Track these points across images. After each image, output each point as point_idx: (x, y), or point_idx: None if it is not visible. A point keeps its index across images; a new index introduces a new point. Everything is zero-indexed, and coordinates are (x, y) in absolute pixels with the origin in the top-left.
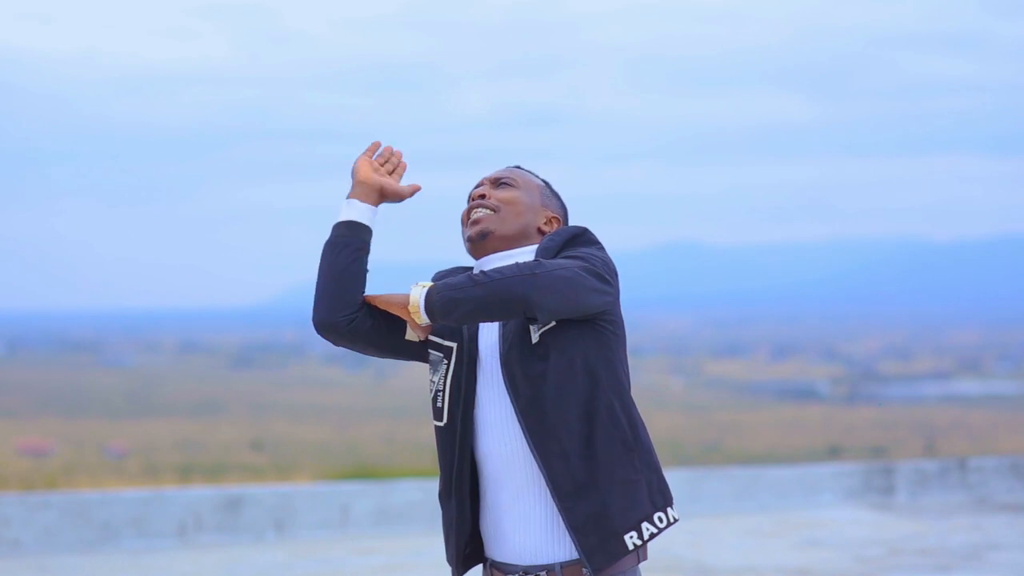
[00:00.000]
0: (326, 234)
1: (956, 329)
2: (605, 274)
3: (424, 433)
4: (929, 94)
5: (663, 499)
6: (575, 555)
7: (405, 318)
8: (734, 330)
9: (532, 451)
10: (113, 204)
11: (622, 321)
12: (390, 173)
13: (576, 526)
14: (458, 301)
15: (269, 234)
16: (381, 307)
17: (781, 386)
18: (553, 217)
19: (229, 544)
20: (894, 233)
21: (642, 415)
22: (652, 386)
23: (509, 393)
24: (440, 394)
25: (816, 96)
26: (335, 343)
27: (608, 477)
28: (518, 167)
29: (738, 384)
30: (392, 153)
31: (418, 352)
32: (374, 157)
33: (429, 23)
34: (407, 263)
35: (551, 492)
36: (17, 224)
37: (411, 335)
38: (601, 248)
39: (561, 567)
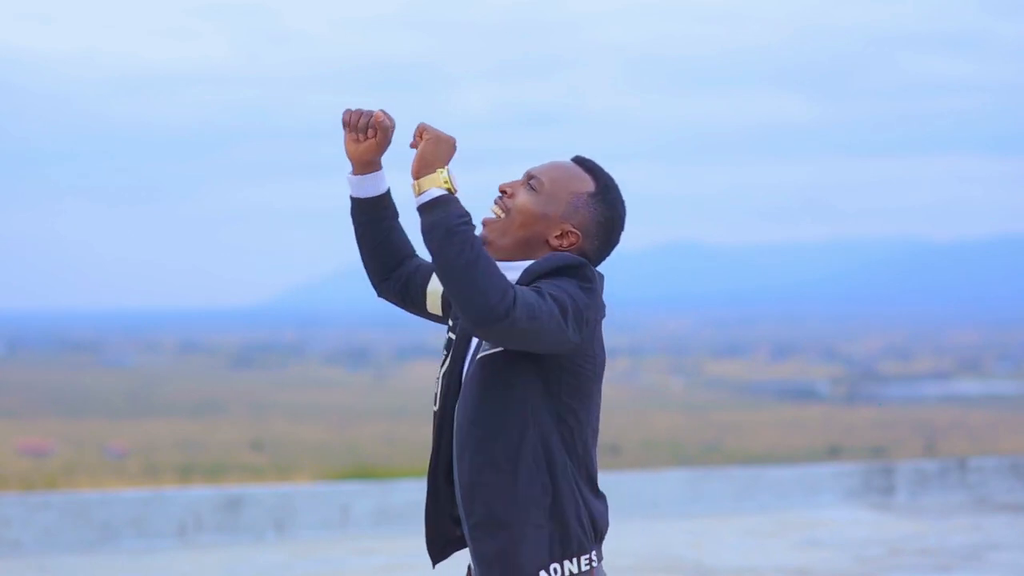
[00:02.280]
0: (326, 232)
1: (956, 329)
2: (576, 321)
3: (424, 433)
4: (929, 94)
5: (562, 550)
6: None
7: (412, 175)
8: (734, 330)
9: (456, 475)
10: (113, 204)
11: (587, 370)
12: (367, 136)
13: (482, 560)
14: (438, 239)
15: (269, 234)
16: (427, 138)
17: (781, 386)
18: (570, 231)
19: (229, 544)
20: (894, 233)
21: (643, 416)
22: (652, 386)
23: (458, 411)
24: (439, 380)
25: (816, 96)
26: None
27: (522, 519)
28: (583, 163)
29: (738, 384)
30: (360, 116)
31: (441, 321)
32: (348, 131)
33: (429, 23)
34: None
35: (463, 520)
36: (17, 224)
37: (432, 308)
38: (590, 290)
39: None
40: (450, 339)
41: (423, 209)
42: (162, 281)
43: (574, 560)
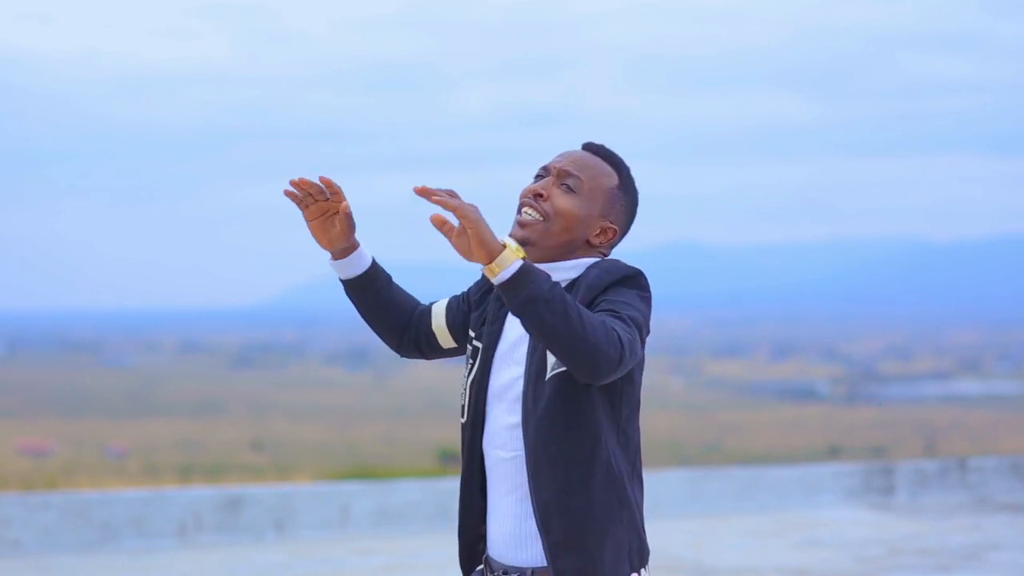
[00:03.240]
0: None
1: (956, 329)
2: (643, 339)
3: (424, 433)
4: (929, 94)
5: (639, 560)
6: (544, 563)
7: (478, 260)
8: (734, 330)
9: (531, 495)
10: (113, 204)
11: (640, 381)
12: (328, 211)
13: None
14: (538, 312)
15: (269, 234)
16: (470, 227)
17: (781, 386)
18: (608, 227)
19: (229, 544)
20: (894, 233)
21: (643, 416)
22: (652, 386)
23: (522, 422)
24: (464, 392)
25: (816, 96)
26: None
27: (600, 533)
28: (599, 151)
29: (738, 384)
30: (313, 191)
31: (463, 351)
32: (313, 215)
33: (429, 23)
34: (408, 263)
35: (542, 538)
36: (17, 224)
37: (446, 344)
38: (649, 301)
39: (533, 572)
40: (476, 347)
41: (509, 287)
42: (162, 281)
43: (648, 567)
